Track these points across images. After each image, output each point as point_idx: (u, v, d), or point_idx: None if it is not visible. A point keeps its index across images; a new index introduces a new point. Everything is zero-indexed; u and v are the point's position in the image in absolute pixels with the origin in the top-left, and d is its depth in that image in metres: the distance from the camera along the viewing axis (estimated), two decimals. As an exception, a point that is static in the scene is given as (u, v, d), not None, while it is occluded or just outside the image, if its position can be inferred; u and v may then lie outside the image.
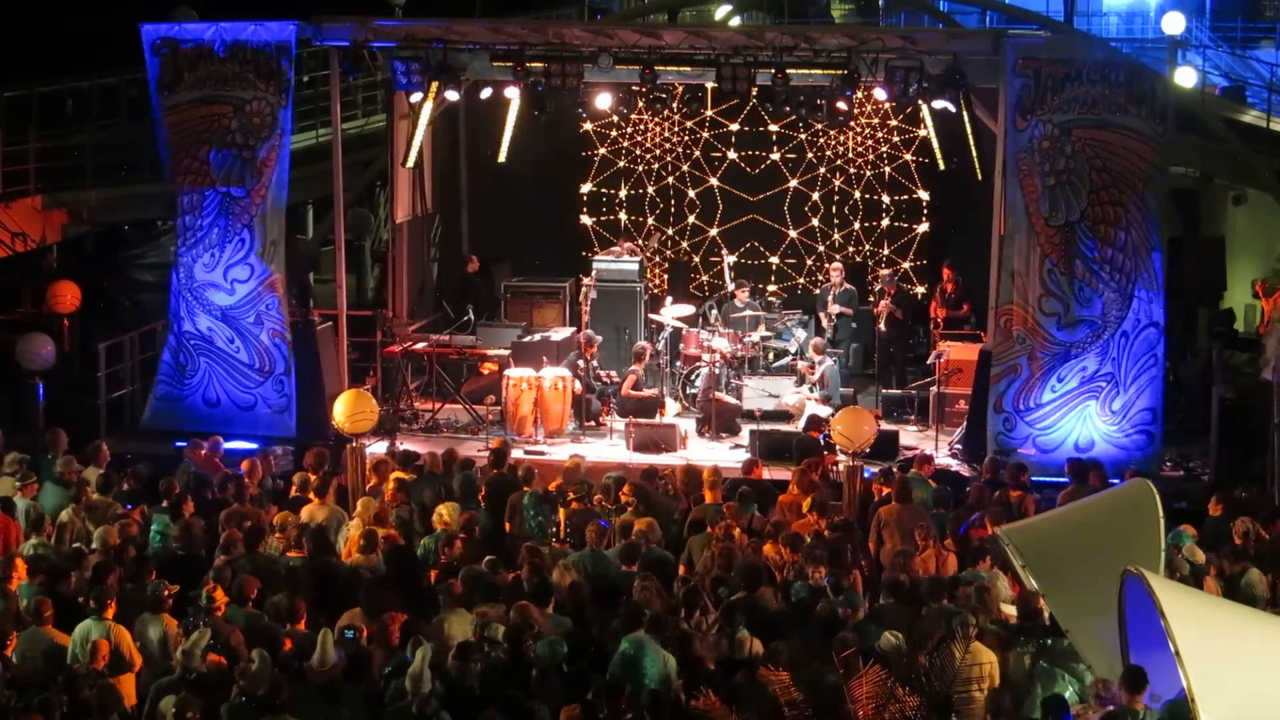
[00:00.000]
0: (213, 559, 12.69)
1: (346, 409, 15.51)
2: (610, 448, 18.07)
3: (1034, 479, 15.61)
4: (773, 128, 22.73)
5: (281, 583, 11.92)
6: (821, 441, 16.51)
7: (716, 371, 19.01)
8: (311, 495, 14.09)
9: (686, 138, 23.28)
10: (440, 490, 14.56)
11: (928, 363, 19.68)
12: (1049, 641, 10.81)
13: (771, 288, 22.71)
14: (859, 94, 19.46)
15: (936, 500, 14.72)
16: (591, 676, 10.41)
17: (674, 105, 21.49)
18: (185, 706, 9.66)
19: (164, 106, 17.96)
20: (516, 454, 16.58)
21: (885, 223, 23.11)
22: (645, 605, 11.21)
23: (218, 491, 14.47)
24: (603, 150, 23.43)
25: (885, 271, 21.59)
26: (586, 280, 20.28)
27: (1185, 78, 23.21)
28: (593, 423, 18.83)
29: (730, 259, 21.85)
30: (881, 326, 20.49)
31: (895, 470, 15.55)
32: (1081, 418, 17.14)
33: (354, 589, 11.75)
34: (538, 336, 20.13)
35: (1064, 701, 9.89)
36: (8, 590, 11.59)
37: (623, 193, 23.48)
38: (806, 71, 18.37)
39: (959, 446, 17.91)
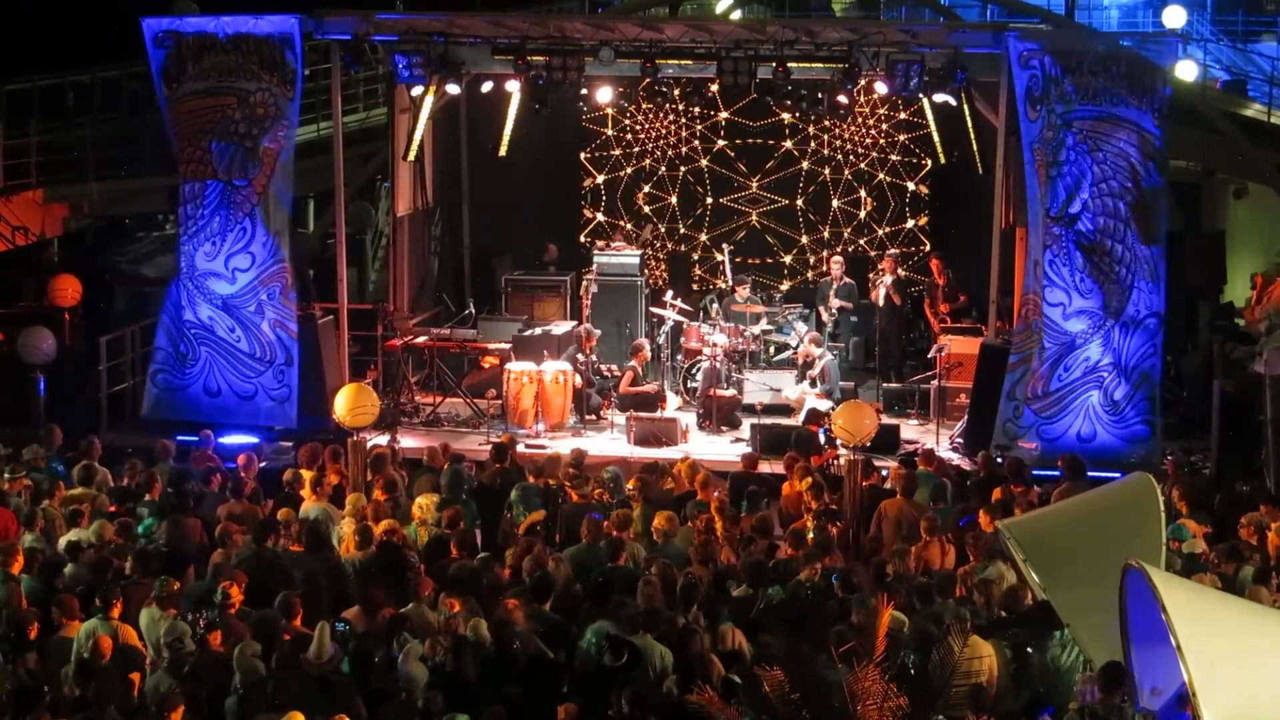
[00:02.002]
0: (197, 555, 12.65)
1: (347, 403, 15.50)
2: (611, 441, 18.07)
3: (1034, 472, 15.58)
4: (773, 122, 22.71)
5: (284, 578, 11.90)
6: (821, 436, 16.48)
7: (717, 366, 19.01)
8: (305, 491, 14.06)
9: (696, 130, 23.26)
10: (437, 485, 14.52)
11: (928, 356, 19.67)
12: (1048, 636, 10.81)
13: (773, 262, 22.73)
14: (860, 89, 19.47)
15: (934, 495, 14.69)
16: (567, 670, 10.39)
17: (675, 99, 21.51)
18: (170, 695, 9.68)
19: (169, 99, 17.95)
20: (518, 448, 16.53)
21: (884, 218, 23.10)
22: (649, 601, 11.17)
23: (205, 486, 14.42)
24: (608, 135, 23.45)
25: (892, 251, 21.60)
26: (588, 275, 20.31)
27: (1186, 71, 23.19)
28: (593, 416, 18.85)
29: (728, 257, 21.81)
30: (876, 298, 20.48)
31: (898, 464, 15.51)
32: (1084, 407, 17.16)
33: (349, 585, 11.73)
34: (538, 330, 20.13)
35: (1045, 698, 9.91)
36: (10, 577, 11.59)
37: (624, 178, 23.48)
38: (807, 65, 18.38)
39: (960, 440, 17.91)
